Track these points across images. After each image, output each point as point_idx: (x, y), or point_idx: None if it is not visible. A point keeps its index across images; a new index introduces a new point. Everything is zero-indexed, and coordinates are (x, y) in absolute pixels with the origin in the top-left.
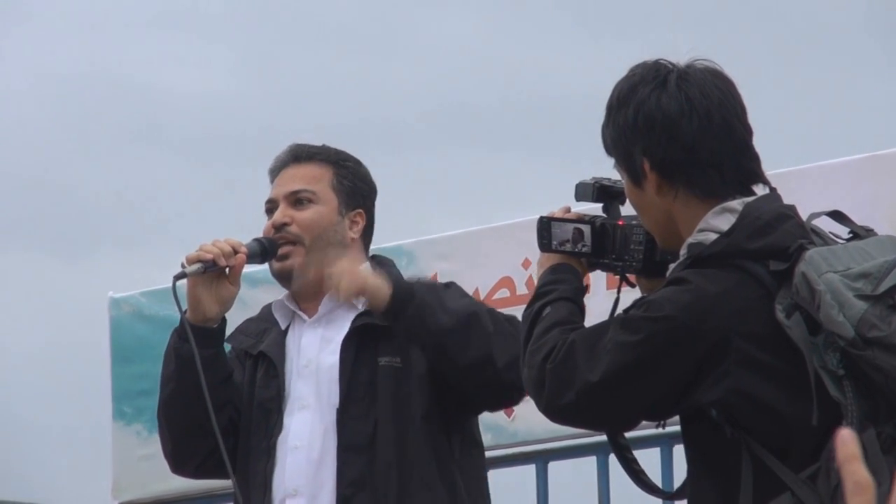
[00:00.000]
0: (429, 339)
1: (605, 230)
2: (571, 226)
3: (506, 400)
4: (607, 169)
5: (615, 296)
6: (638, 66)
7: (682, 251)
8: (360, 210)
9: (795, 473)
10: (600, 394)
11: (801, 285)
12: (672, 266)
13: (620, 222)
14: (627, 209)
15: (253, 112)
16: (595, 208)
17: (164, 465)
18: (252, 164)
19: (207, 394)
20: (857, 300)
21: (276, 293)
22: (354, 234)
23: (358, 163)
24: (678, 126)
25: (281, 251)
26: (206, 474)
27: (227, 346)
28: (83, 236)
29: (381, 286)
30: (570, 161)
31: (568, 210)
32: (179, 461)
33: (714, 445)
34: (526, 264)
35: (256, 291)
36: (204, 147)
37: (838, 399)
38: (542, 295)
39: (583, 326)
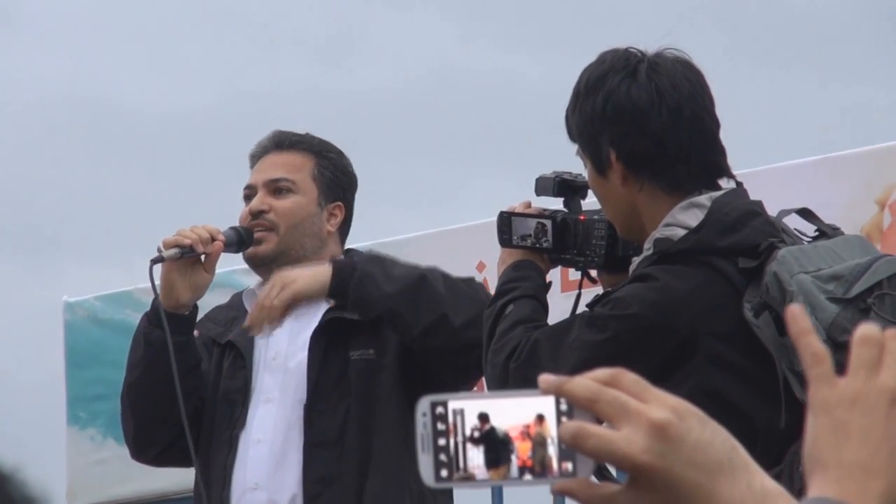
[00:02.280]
0: (378, 307)
1: (567, 225)
2: (533, 221)
3: (473, 369)
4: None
5: (572, 297)
6: (608, 53)
7: (647, 245)
8: (340, 203)
9: (767, 470)
10: None
11: (772, 285)
12: (636, 260)
13: (582, 217)
14: (588, 204)
15: (216, 120)
16: (556, 202)
17: (118, 468)
18: (212, 169)
19: (178, 380)
20: (829, 303)
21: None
22: (332, 226)
23: (340, 154)
24: (647, 118)
25: (256, 236)
26: (166, 462)
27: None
28: (39, 241)
29: (317, 274)
30: (526, 165)
31: (528, 205)
32: (141, 447)
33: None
34: (480, 267)
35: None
36: (163, 151)
37: (804, 402)
38: (504, 292)
39: (546, 324)
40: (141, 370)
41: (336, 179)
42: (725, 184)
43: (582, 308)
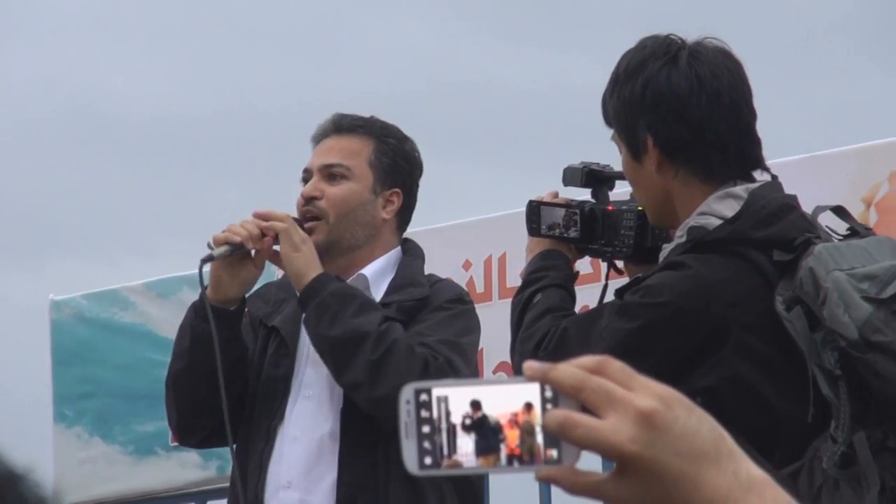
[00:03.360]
0: (314, 341)
1: (595, 215)
2: (562, 210)
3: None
4: (556, 173)
5: (602, 284)
6: (648, 39)
7: (680, 233)
8: (397, 189)
9: (777, 469)
10: None
11: (806, 280)
12: (667, 248)
13: (610, 207)
14: (615, 195)
15: (201, 117)
16: (583, 193)
17: (105, 467)
18: (198, 167)
19: (222, 378)
20: (863, 302)
21: None
22: (387, 214)
23: (402, 139)
24: (686, 105)
25: (306, 226)
26: (209, 446)
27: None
28: (25, 240)
29: (307, 268)
30: (514, 165)
31: (556, 195)
32: (184, 434)
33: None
34: (467, 266)
35: None
36: (149, 151)
37: (830, 399)
38: (532, 281)
39: (574, 313)
40: (185, 362)
41: (395, 165)
42: (759, 176)
43: (609, 297)
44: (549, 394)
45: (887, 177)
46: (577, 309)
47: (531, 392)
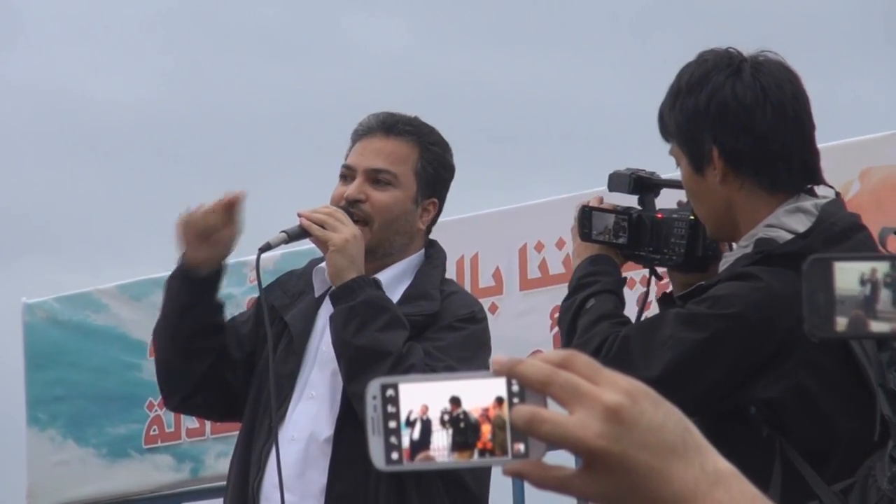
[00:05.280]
0: (336, 344)
1: (642, 222)
2: (612, 216)
3: None
4: (534, 172)
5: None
6: (708, 53)
7: (745, 243)
8: (435, 199)
9: (828, 485)
10: (658, 390)
11: None
12: (728, 257)
13: (660, 215)
14: (660, 202)
15: (177, 119)
16: (629, 199)
17: (79, 469)
18: (173, 171)
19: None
20: None
21: None
22: (422, 223)
23: (445, 147)
24: (752, 116)
25: None
26: (191, 413)
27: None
28: None
29: (339, 266)
30: (495, 166)
31: (601, 200)
32: (164, 392)
33: (744, 445)
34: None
35: None
36: (124, 153)
37: (889, 419)
38: (584, 286)
39: (629, 320)
40: (160, 318)
41: (436, 175)
42: (819, 190)
43: (651, 304)
44: (515, 388)
45: (858, 175)
46: (549, 310)
47: (501, 386)
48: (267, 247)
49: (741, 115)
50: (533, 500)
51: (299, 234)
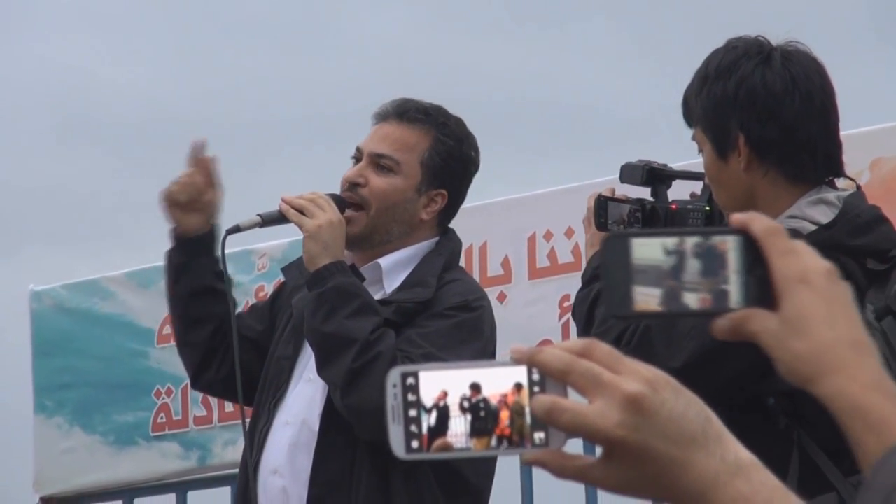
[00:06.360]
0: (306, 331)
1: (656, 213)
2: (627, 206)
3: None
4: (533, 162)
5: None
6: (738, 40)
7: None
8: (443, 190)
9: (845, 476)
10: (681, 380)
11: None
12: None
13: (674, 206)
14: (672, 193)
15: (182, 107)
16: (641, 191)
17: (86, 457)
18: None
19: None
20: None
21: None
22: (427, 214)
23: (461, 140)
24: (781, 104)
25: (345, 215)
26: (209, 389)
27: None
28: (5, 229)
29: (312, 253)
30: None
31: (613, 191)
32: (186, 369)
33: (762, 436)
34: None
35: None
36: (130, 141)
37: None
38: (599, 276)
39: None
40: (166, 285)
41: (445, 166)
42: (839, 182)
43: None
44: (536, 377)
45: (869, 165)
46: (558, 299)
47: (520, 374)
48: (236, 229)
49: (769, 103)
50: (541, 489)
51: (276, 218)
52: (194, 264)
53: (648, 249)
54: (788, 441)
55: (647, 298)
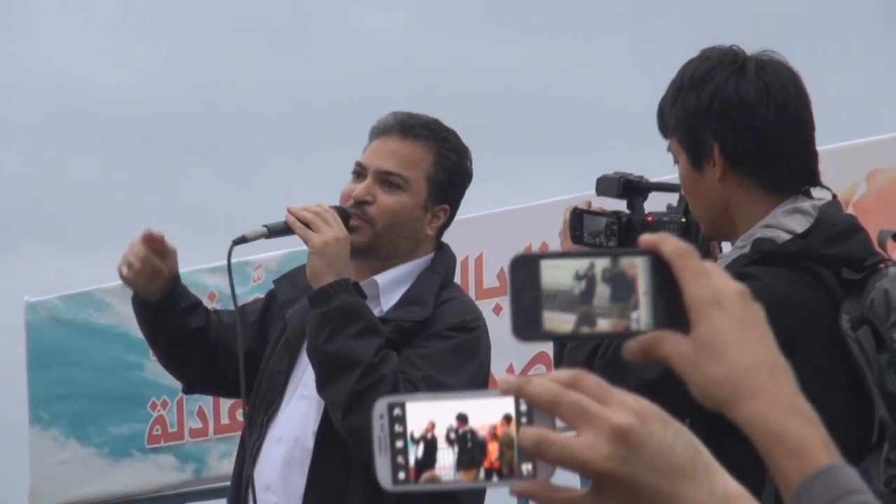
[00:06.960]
0: (308, 349)
1: (632, 225)
2: (603, 219)
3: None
4: (531, 167)
5: None
6: (712, 50)
7: (741, 244)
8: (446, 206)
9: None
10: (657, 392)
11: (878, 300)
12: (724, 257)
13: (650, 218)
14: (649, 205)
15: (178, 108)
16: (617, 203)
17: (81, 469)
18: (180, 163)
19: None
20: None
21: None
22: (431, 229)
23: (461, 154)
24: (755, 114)
25: (351, 224)
26: (204, 393)
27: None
28: (2, 235)
29: (316, 269)
30: (491, 156)
31: (589, 204)
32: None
33: (738, 445)
34: None
35: None
36: (130, 147)
37: (885, 422)
38: None
39: None
40: (143, 334)
41: (449, 182)
42: (816, 192)
43: None
44: (524, 408)
45: (865, 177)
46: None
47: (508, 404)
48: (242, 239)
49: (743, 113)
50: None
51: (282, 230)
52: (166, 319)
53: (558, 273)
54: None
55: (556, 323)
